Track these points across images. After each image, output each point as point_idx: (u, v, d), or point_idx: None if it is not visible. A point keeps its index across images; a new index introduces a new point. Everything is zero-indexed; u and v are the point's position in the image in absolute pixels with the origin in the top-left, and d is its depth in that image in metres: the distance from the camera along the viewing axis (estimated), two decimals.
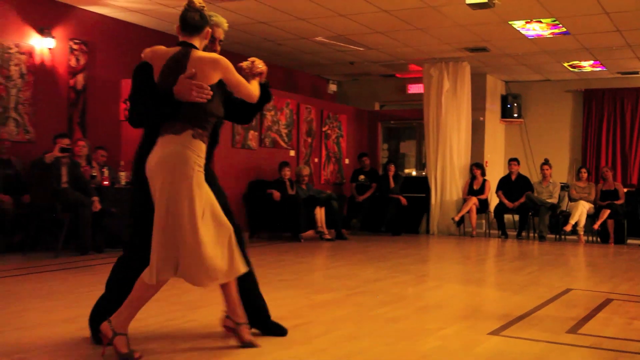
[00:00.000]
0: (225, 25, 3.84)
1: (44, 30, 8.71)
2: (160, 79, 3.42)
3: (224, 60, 3.45)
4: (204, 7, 3.53)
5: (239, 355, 3.49)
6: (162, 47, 3.54)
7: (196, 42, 3.52)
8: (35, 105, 8.62)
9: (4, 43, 8.26)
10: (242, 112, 3.91)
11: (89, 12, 9.33)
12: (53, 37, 8.81)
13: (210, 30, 3.59)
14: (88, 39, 9.34)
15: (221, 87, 3.52)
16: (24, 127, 8.48)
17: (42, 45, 8.73)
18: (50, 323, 4.20)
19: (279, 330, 3.92)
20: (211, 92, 3.37)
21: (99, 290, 5.41)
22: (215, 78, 3.43)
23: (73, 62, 9.15)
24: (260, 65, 3.73)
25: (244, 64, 3.70)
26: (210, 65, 3.42)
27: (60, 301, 4.92)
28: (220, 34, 3.79)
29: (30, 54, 8.57)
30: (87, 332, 3.84)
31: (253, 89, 3.64)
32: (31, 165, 7.89)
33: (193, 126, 3.36)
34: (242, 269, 3.46)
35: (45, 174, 7.66)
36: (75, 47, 9.16)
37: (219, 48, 3.80)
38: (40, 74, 8.71)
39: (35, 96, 8.63)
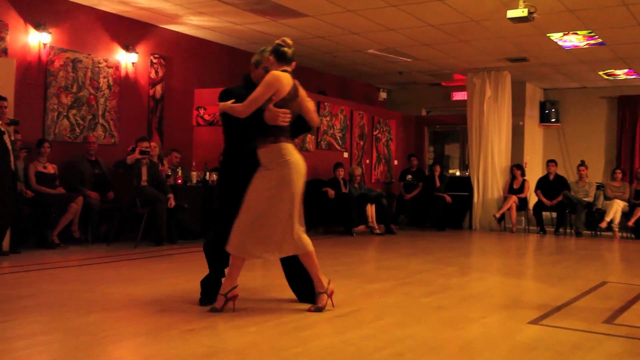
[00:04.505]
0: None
1: (128, 47, 8.91)
2: (287, 100, 3.96)
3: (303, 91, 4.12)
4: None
5: (298, 336, 3.48)
6: (283, 76, 3.96)
7: (289, 71, 4.06)
8: (120, 113, 8.82)
9: (95, 58, 8.48)
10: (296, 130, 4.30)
11: (167, 30, 9.49)
12: (136, 53, 8.99)
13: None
14: (166, 53, 9.50)
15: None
16: (109, 132, 8.69)
17: (126, 59, 8.92)
18: (131, 305, 4.27)
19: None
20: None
21: (173, 277, 5.53)
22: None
23: (153, 75, 9.33)
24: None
25: None
26: (303, 94, 4.09)
27: (139, 286, 5.01)
28: None
29: (116, 67, 8.77)
30: (164, 313, 3.90)
31: (315, 113, 4.27)
32: (114, 165, 8.06)
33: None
34: None
35: (128, 173, 7.81)
36: (155, 61, 9.34)
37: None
38: (124, 85, 8.91)
39: (120, 104, 8.83)
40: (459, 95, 13.66)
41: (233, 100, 3.99)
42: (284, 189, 3.97)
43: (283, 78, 3.93)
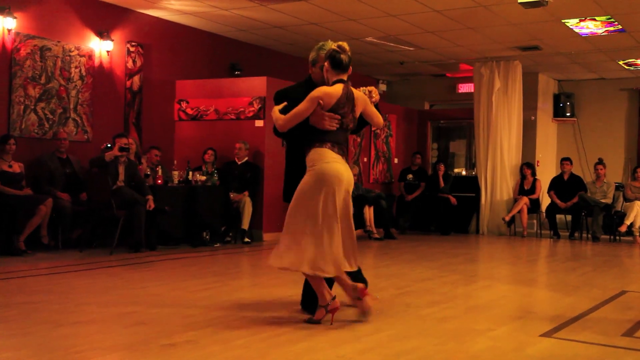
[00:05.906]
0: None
1: (103, 34, 8.89)
2: (335, 110, 4.12)
3: (365, 96, 4.33)
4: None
5: (289, 350, 3.49)
6: (330, 89, 4.16)
7: (345, 78, 4.24)
8: (93, 106, 8.81)
9: (66, 46, 8.46)
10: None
11: (146, 15, 9.48)
12: (111, 40, 8.98)
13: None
14: (144, 41, 9.49)
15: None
16: (82, 127, 8.67)
17: (101, 47, 8.91)
18: (105, 318, 4.26)
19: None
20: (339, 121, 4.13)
21: (153, 286, 5.53)
22: (361, 110, 4.28)
23: (130, 64, 9.32)
24: (375, 95, 4.46)
25: (362, 89, 4.41)
26: (362, 100, 4.29)
27: (115, 297, 5.00)
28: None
29: (89, 56, 8.76)
30: (142, 326, 3.90)
31: (379, 116, 4.45)
32: (90, 163, 8.04)
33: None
34: None
35: (103, 173, 7.79)
36: (132, 49, 9.33)
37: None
38: (98, 75, 8.90)
39: (94, 97, 8.81)
40: (465, 88, 13.70)
41: (285, 104, 4.20)
42: (309, 198, 4.12)
43: (330, 91, 4.13)
